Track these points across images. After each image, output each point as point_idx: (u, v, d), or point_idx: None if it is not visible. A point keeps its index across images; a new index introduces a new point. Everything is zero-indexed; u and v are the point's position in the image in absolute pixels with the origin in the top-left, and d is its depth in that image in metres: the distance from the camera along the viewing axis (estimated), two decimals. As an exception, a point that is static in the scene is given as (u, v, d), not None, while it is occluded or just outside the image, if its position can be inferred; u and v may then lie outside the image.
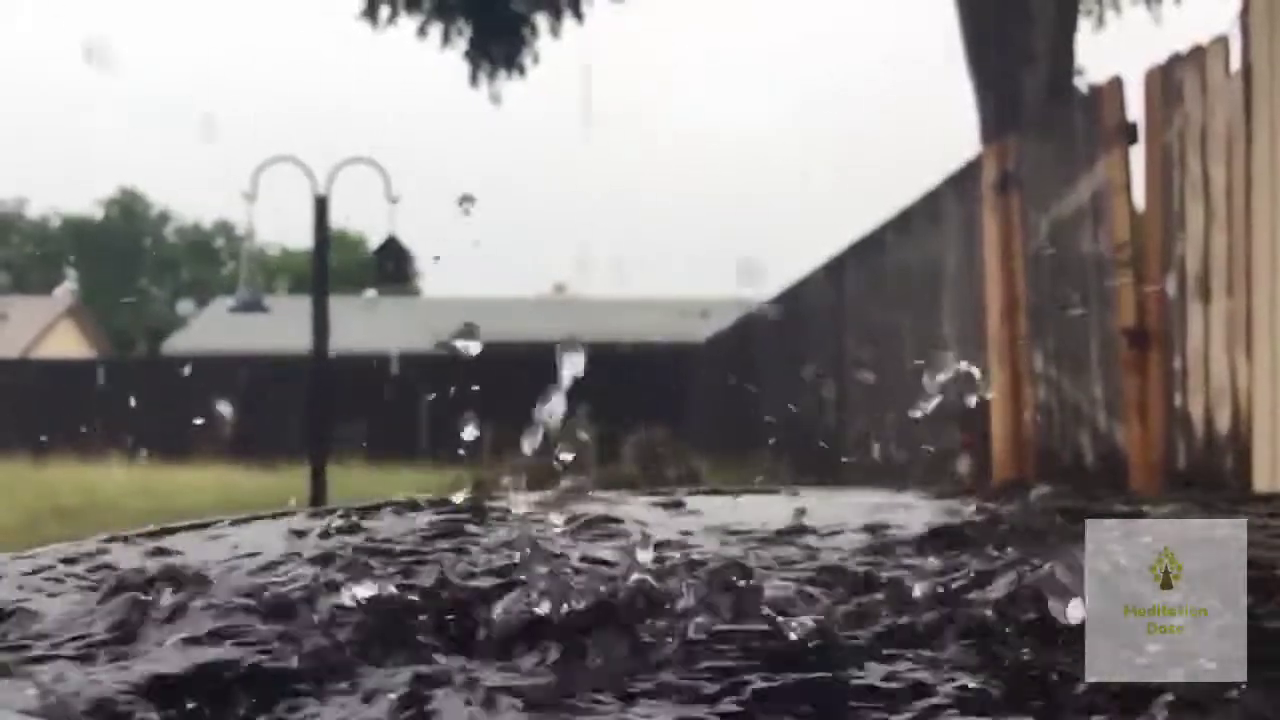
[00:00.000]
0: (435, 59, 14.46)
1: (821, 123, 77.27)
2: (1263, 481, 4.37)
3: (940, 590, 0.89)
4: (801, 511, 1.21)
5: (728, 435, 15.52)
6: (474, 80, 14.19)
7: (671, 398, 18.87)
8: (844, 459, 10.30)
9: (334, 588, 0.89)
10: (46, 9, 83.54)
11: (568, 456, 1.15)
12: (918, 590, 0.89)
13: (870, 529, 1.17)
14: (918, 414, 1.24)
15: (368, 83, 73.08)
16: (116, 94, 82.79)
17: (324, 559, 0.98)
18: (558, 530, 1.11)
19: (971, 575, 0.91)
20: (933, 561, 1.00)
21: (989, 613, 0.84)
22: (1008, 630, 0.82)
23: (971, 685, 0.74)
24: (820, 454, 11.04)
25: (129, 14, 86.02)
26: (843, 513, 1.25)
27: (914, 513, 1.28)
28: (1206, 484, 4.69)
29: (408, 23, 13.98)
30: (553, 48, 14.40)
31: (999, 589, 0.86)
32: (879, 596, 0.90)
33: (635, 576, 0.87)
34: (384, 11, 13.86)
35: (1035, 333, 6.48)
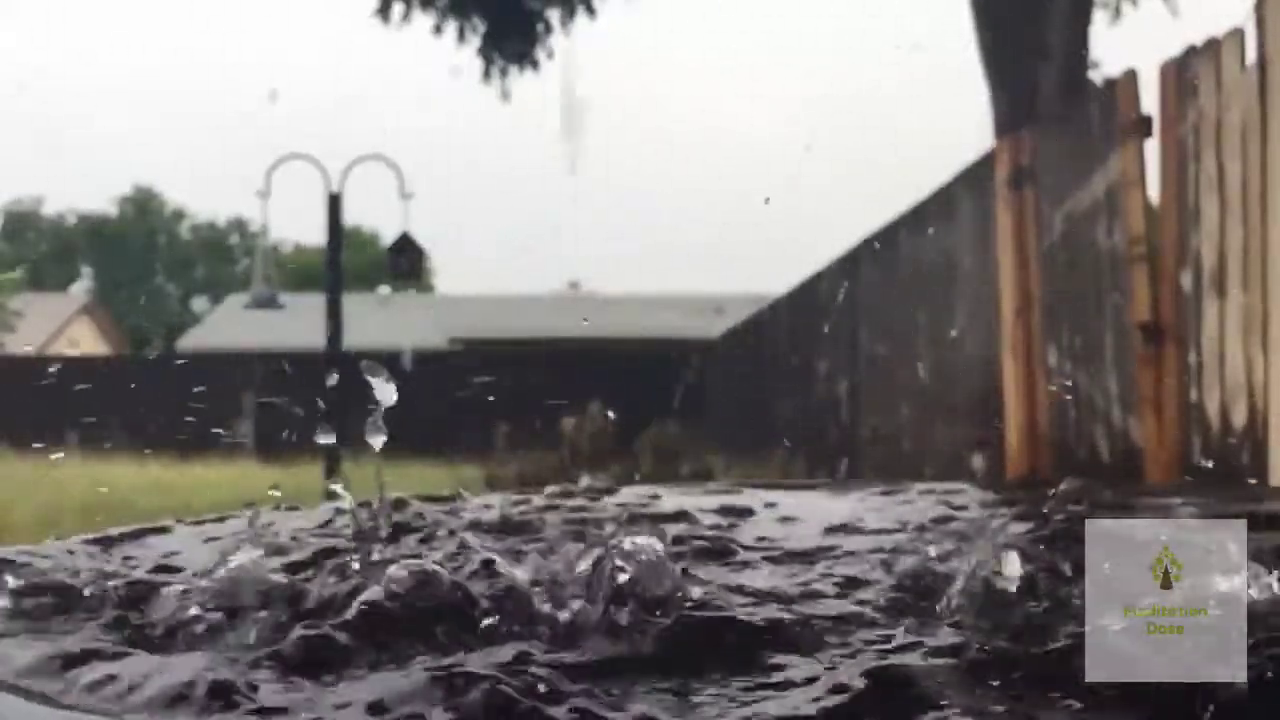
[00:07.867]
0: (450, 56, 14.45)
1: (830, 120, 77.15)
2: (1279, 476, 4.35)
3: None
4: None
5: (743, 431, 15.51)
6: (486, 76, 14.18)
7: (686, 394, 18.85)
8: (858, 454, 10.28)
9: None
10: (58, 10, 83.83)
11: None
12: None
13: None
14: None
15: (380, 81, 73.17)
16: (130, 92, 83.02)
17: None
18: None
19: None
20: None
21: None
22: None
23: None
24: (834, 449, 11.03)
25: (140, 14, 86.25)
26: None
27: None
28: (1222, 479, 4.67)
29: (422, 20, 13.98)
30: (564, 45, 14.39)
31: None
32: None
33: None
34: (397, 9, 13.86)
35: (1050, 327, 6.46)
